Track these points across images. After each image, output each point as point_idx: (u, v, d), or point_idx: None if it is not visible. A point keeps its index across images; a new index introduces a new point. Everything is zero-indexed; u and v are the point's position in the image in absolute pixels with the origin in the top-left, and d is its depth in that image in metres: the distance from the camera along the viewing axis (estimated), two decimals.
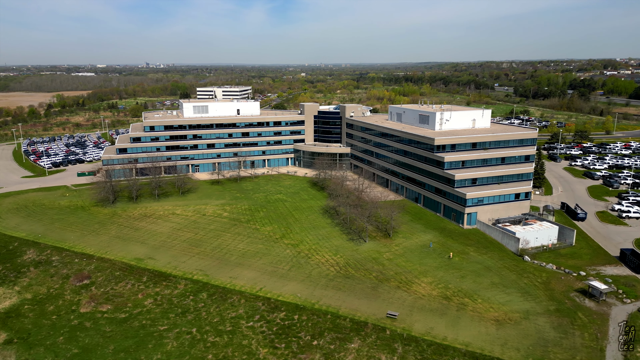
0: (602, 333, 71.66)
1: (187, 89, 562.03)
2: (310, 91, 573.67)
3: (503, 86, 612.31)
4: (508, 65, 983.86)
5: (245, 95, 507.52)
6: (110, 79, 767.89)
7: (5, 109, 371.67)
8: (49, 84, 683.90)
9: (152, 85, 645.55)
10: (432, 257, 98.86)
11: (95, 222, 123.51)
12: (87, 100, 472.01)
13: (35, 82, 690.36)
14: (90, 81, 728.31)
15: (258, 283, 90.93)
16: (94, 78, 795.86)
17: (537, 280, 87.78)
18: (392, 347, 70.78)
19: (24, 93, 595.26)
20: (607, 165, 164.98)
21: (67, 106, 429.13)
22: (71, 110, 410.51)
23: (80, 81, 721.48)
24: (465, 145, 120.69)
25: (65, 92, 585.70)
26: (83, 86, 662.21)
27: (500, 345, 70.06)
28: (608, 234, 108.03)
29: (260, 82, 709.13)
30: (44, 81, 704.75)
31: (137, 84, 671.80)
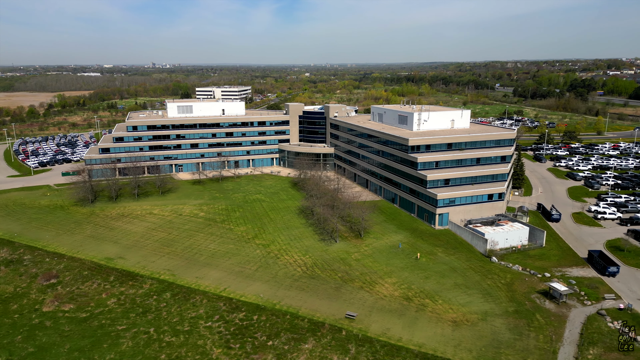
0: (557, 335, 71.23)
1: (189, 89, 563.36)
2: (310, 91, 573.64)
3: (504, 86, 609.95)
4: (513, 65, 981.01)
5: (244, 96, 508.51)
6: (114, 79, 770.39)
7: (5, 109, 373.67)
8: (54, 84, 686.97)
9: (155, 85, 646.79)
10: (399, 257, 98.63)
11: (72, 222, 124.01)
12: (88, 100, 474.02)
13: (39, 82, 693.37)
14: (94, 81, 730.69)
15: (223, 283, 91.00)
16: (98, 78, 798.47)
17: (500, 282, 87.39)
18: (345, 348, 70.65)
19: (28, 93, 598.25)
20: (591, 166, 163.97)
21: (67, 106, 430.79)
22: (71, 110, 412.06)
23: (84, 81, 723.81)
24: (440, 146, 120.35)
25: (67, 92, 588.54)
26: (87, 86, 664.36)
27: (454, 347, 69.79)
28: (580, 236, 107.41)
29: (263, 82, 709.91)
30: (49, 81, 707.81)
31: (140, 84, 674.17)
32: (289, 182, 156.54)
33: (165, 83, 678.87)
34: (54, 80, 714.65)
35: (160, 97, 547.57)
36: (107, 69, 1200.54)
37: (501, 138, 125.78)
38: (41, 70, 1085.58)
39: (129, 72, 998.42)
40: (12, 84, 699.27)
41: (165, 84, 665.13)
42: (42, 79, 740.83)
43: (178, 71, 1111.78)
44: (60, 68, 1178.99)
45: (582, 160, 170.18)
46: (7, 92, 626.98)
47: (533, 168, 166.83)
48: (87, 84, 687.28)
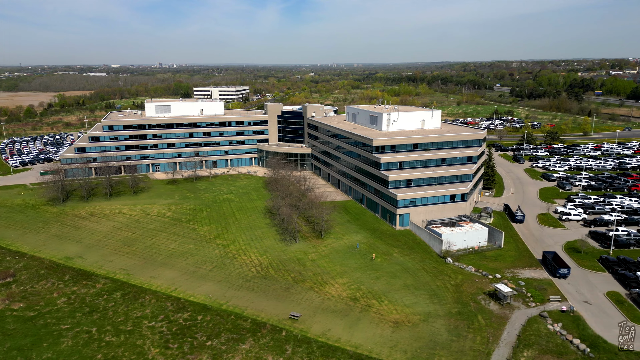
0: (495, 337, 70.86)
1: (190, 89, 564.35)
2: (307, 91, 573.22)
3: (505, 86, 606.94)
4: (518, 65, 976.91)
5: (241, 95, 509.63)
6: (117, 79, 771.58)
7: (4, 109, 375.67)
8: (58, 83, 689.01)
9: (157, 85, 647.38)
10: (355, 258, 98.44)
11: (40, 221, 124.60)
12: (87, 100, 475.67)
13: (43, 82, 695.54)
14: (98, 81, 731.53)
15: (175, 283, 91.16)
16: (102, 78, 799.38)
17: (450, 283, 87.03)
18: (282, 349, 70.59)
19: (31, 93, 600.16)
20: (567, 167, 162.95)
21: (66, 106, 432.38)
22: (69, 110, 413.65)
23: (88, 81, 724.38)
24: (405, 147, 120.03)
25: (68, 92, 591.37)
26: (90, 86, 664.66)
27: (390, 348, 69.61)
28: (541, 237, 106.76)
29: (265, 82, 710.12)
30: (53, 81, 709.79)
31: (142, 83, 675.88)
32: (262, 182, 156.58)
33: (167, 83, 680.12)
34: (58, 80, 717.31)
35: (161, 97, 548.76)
36: (114, 69, 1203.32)
37: (469, 139, 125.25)
38: (48, 70, 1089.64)
39: (135, 72, 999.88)
40: (17, 83, 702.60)
41: (167, 84, 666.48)
42: (47, 79, 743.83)
43: (184, 71, 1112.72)
44: (67, 68, 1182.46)
45: (561, 161, 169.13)
46: (11, 91, 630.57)
47: (510, 169, 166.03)
48: (90, 84, 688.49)
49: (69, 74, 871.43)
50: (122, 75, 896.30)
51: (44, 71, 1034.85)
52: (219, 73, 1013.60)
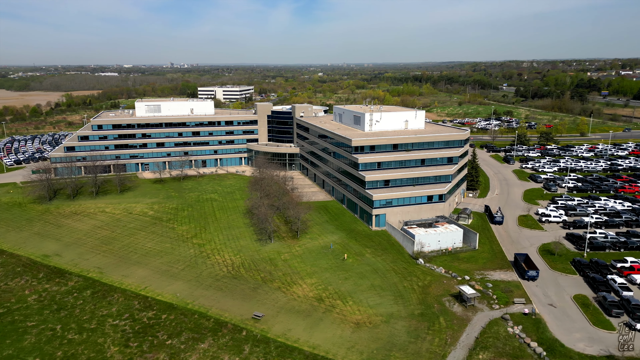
0: (454, 339, 70.39)
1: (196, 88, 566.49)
2: (311, 91, 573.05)
3: (512, 86, 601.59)
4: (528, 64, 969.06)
5: (245, 95, 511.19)
6: (127, 79, 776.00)
7: (11, 108, 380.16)
8: (68, 83, 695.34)
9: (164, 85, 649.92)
10: (327, 258, 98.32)
11: (25, 219, 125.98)
12: (94, 99, 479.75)
13: (54, 82, 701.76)
14: (108, 81, 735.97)
15: (145, 282, 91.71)
16: (113, 78, 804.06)
17: (417, 284, 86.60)
18: (240, 348, 70.78)
19: (42, 92, 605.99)
20: (557, 168, 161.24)
21: (73, 105, 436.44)
22: (74, 109, 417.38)
23: (98, 81, 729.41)
24: (385, 147, 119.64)
25: (76, 91, 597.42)
26: (100, 86, 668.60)
27: (347, 348, 69.47)
28: (518, 239, 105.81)
29: (273, 82, 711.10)
30: (63, 81, 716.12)
31: (150, 83, 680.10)
32: (248, 182, 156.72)
33: (175, 83, 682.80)
34: (68, 80, 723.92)
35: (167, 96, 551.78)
36: (126, 69, 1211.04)
37: (450, 139, 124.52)
38: (61, 70, 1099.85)
39: (146, 72, 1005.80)
40: (28, 83, 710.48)
41: (175, 83, 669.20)
42: (58, 78, 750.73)
43: (194, 71, 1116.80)
44: (80, 68, 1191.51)
45: (551, 162, 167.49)
46: (22, 91, 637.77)
47: (499, 169, 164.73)
48: (100, 84, 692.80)
49: (80, 73, 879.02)
50: (132, 75, 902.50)
51: (57, 71, 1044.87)
52: (229, 73, 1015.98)
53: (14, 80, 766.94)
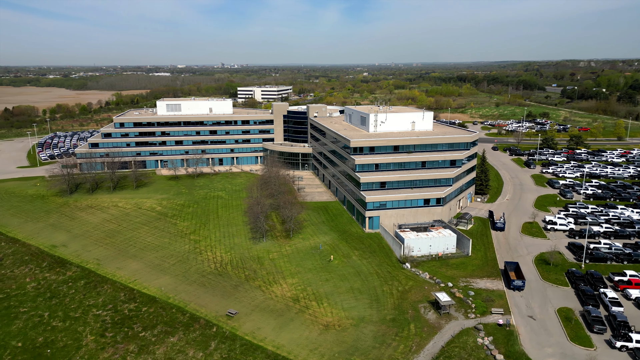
0: (419, 346, 68.70)
1: (237, 88, 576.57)
2: (348, 91, 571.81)
3: (562, 86, 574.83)
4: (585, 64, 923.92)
5: (282, 95, 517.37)
6: (177, 78, 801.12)
7: (64, 105, 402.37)
8: (122, 83, 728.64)
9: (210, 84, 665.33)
10: (314, 259, 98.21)
11: (44, 211, 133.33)
12: (142, 98, 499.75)
13: (110, 82, 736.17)
14: (159, 80, 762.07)
15: (136, 275, 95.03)
16: (164, 78, 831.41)
17: (397, 289, 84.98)
18: (207, 344, 72.17)
19: (97, 91, 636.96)
20: (579, 173, 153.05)
21: (121, 104, 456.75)
22: (121, 108, 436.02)
23: (150, 81, 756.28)
24: (385, 148, 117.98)
25: (125, 90, 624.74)
26: (151, 85, 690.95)
27: (310, 350, 69.33)
28: (516, 246, 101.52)
29: (316, 82, 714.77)
30: (117, 81, 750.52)
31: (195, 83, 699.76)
32: (257, 181, 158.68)
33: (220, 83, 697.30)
34: (122, 80, 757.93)
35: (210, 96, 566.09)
36: (179, 70, 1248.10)
37: (455, 141, 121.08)
38: (120, 70, 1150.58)
39: (197, 73, 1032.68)
40: (86, 82, 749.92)
41: (219, 83, 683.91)
42: (113, 78, 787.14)
43: (242, 71, 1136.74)
44: (136, 68, 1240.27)
45: (575, 167, 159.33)
46: (80, 90, 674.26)
47: (517, 174, 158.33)
48: (151, 84, 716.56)
49: (136, 73, 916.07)
50: (184, 75, 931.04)
51: (115, 71, 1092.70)
52: (275, 73, 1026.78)
53: (74, 80, 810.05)
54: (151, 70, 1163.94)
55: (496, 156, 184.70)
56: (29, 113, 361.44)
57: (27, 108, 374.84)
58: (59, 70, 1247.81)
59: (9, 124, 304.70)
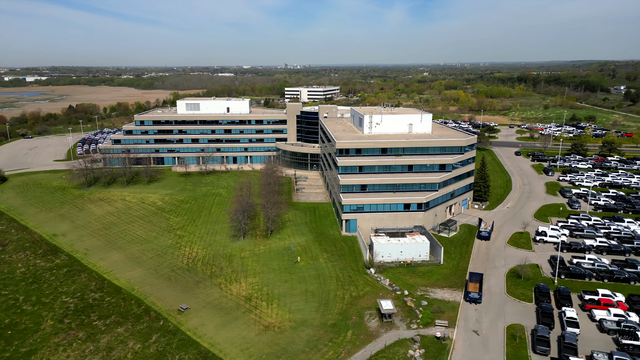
0: (348, 354, 67.30)
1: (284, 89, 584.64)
2: (392, 92, 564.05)
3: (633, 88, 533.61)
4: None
5: (327, 96, 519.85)
6: (235, 79, 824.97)
7: (124, 104, 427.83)
8: (185, 83, 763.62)
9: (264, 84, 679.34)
10: (282, 259, 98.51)
11: (59, 202, 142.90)
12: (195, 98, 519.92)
13: (174, 82, 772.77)
14: (219, 81, 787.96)
15: (113, 266, 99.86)
16: (224, 78, 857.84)
17: (351, 294, 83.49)
18: (148, 337, 74.82)
19: (161, 91, 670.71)
20: (597, 183, 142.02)
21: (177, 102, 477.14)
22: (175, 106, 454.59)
23: (211, 81, 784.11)
24: (373, 150, 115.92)
25: (183, 90, 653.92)
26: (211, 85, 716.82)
27: (241, 350, 70.01)
28: (495, 257, 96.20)
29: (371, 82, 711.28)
30: (181, 81, 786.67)
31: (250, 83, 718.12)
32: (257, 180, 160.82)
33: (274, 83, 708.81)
34: (186, 80, 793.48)
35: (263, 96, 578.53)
36: (243, 70, 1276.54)
37: (447, 145, 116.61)
38: (189, 71, 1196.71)
39: (259, 73, 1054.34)
40: (153, 82, 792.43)
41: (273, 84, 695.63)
42: (178, 79, 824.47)
43: (303, 72, 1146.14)
44: (204, 69, 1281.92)
45: (597, 176, 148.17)
46: (147, 89, 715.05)
47: (530, 180, 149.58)
48: (211, 84, 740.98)
49: (202, 74, 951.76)
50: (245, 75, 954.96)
51: (184, 72, 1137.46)
52: (335, 74, 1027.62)
53: (143, 80, 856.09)
54: (217, 71, 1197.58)
55: (516, 161, 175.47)
56: (90, 110, 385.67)
57: (90, 106, 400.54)
58: (134, 70, 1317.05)
59: (67, 120, 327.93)
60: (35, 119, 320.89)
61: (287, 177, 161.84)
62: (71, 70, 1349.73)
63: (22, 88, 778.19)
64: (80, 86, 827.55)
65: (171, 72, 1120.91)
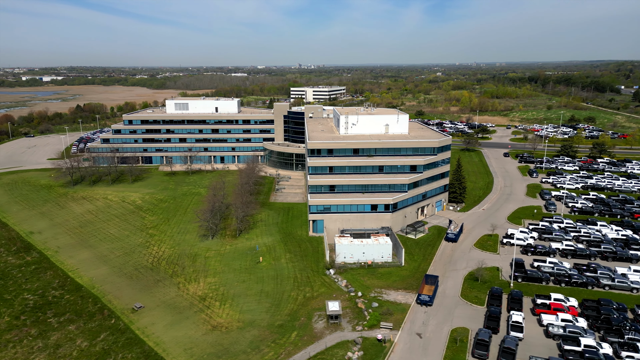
0: (288, 355, 67.15)
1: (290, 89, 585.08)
2: (397, 92, 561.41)
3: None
4: None
5: (332, 96, 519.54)
6: (246, 79, 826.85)
7: (131, 103, 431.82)
8: (196, 83, 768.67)
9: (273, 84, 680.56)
10: (244, 259, 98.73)
11: (43, 200, 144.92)
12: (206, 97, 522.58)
13: (185, 82, 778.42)
14: (231, 81, 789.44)
15: (80, 264, 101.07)
16: (236, 78, 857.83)
17: (305, 295, 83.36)
18: (97, 335, 75.62)
19: (172, 91, 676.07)
20: (580, 185, 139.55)
21: None
22: None
23: (222, 81, 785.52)
24: (344, 151, 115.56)
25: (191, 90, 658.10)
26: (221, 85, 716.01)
27: (183, 349, 70.35)
28: (457, 259, 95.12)
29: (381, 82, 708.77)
30: (193, 81, 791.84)
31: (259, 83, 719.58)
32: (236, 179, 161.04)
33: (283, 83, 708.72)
34: (198, 80, 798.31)
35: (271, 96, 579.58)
36: (257, 70, 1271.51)
37: (420, 146, 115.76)
38: (203, 71, 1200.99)
39: (272, 73, 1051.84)
40: (165, 82, 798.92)
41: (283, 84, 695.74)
42: (190, 79, 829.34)
43: (316, 72, 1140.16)
44: (218, 69, 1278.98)
45: (581, 178, 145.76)
46: (158, 89, 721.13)
47: (512, 182, 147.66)
48: (222, 83, 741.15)
49: (215, 74, 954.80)
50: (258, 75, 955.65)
51: (198, 72, 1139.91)
52: (348, 73, 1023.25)
53: (156, 80, 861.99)
54: (231, 71, 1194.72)
55: (503, 163, 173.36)
56: (97, 110, 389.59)
57: (97, 105, 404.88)
58: (150, 70, 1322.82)
59: (72, 119, 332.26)
60: (41, 118, 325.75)
61: (272, 177, 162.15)
62: (88, 70, 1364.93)
63: (37, 88, 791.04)
64: (95, 86, 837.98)
65: (186, 72, 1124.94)
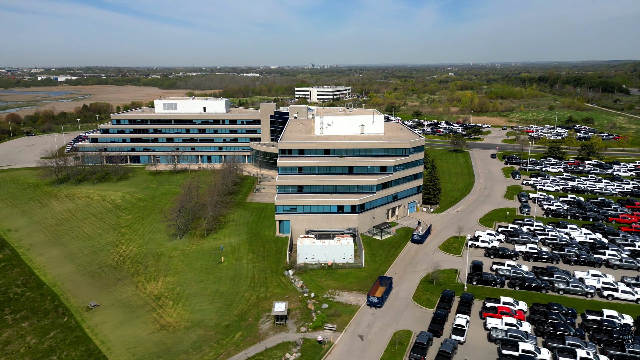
0: (227, 356, 67.28)
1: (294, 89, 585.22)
2: (401, 92, 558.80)
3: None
4: None
5: (336, 96, 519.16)
6: (256, 79, 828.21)
7: (137, 102, 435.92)
8: (207, 83, 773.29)
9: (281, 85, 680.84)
10: (207, 259, 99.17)
11: (27, 198, 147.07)
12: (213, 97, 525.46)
13: (196, 82, 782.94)
14: (242, 81, 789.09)
15: (48, 262, 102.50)
16: (246, 78, 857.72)
17: (258, 295, 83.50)
18: (47, 333, 76.80)
19: (182, 90, 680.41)
20: (562, 187, 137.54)
21: None
22: None
23: (233, 81, 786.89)
24: (315, 151, 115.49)
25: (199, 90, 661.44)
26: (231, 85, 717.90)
27: (127, 349, 70.99)
28: (418, 261, 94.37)
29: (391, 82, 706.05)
30: (203, 81, 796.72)
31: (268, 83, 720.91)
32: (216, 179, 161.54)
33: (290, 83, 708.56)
34: (208, 80, 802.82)
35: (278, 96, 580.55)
36: (270, 70, 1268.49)
37: (391, 147, 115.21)
38: (216, 71, 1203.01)
39: (285, 73, 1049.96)
40: (175, 82, 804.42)
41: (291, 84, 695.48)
42: (201, 79, 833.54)
43: (328, 72, 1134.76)
44: (232, 69, 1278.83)
45: (562, 180, 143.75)
46: (168, 89, 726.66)
47: (493, 184, 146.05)
48: (233, 83, 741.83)
49: (227, 74, 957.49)
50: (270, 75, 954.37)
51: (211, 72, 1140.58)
52: (360, 74, 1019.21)
53: (167, 80, 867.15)
54: (244, 71, 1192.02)
55: (489, 164, 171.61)
56: (103, 109, 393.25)
57: (103, 105, 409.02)
58: (164, 71, 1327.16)
59: (76, 118, 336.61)
60: (46, 117, 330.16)
61: (254, 177, 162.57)
62: (103, 70, 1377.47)
63: (51, 87, 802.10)
64: (107, 86, 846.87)
65: (199, 72, 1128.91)
